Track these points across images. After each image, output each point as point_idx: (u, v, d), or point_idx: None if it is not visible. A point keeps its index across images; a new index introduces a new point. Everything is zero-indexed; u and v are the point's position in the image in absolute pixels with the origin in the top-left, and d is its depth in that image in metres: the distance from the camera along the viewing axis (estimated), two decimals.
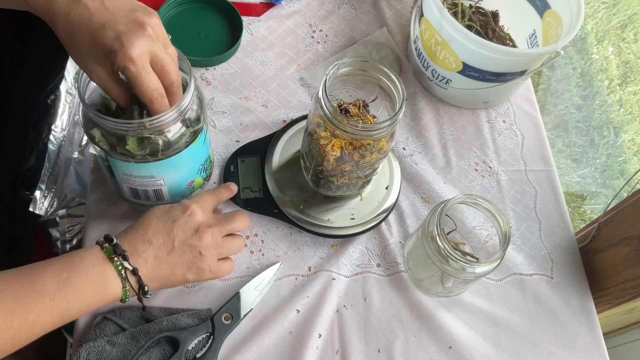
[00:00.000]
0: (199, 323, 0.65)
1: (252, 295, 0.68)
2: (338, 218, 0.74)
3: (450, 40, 0.79)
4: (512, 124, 0.90)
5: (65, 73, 0.92)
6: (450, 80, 0.84)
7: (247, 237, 0.74)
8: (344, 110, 0.68)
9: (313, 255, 0.74)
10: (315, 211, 0.74)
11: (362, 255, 0.75)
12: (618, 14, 1.94)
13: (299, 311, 0.69)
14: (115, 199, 0.73)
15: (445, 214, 0.67)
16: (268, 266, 0.71)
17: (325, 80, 0.62)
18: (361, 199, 0.76)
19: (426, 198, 0.80)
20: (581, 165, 1.68)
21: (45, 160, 0.91)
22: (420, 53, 0.87)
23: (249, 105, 0.84)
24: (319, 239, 0.75)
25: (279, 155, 0.77)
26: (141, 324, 0.64)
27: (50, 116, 0.94)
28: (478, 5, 0.91)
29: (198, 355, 0.64)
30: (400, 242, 0.76)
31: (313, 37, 0.92)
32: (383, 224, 0.77)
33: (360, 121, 0.66)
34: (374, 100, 0.69)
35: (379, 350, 0.69)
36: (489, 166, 0.85)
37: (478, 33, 0.87)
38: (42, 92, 0.95)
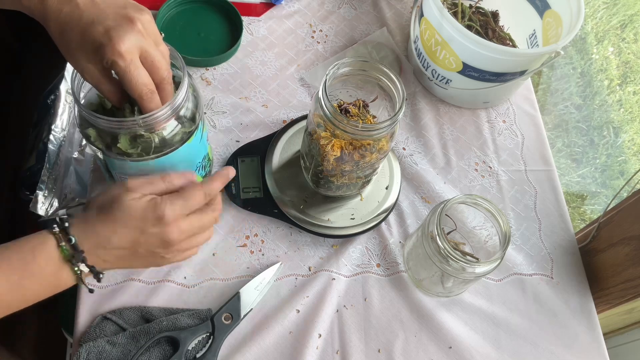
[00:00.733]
0: (199, 323, 0.65)
1: (252, 295, 0.68)
2: (338, 218, 0.74)
3: (450, 40, 0.79)
4: (512, 124, 0.90)
5: (65, 73, 0.92)
6: (450, 80, 0.84)
7: (247, 237, 0.74)
8: (344, 110, 0.68)
9: (313, 255, 0.74)
10: (315, 211, 0.74)
11: (362, 255, 0.75)
12: (618, 13, 1.94)
13: (299, 311, 0.69)
14: None
15: (445, 214, 0.67)
16: (268, 266, 0.71)
17: (325, 80, 0.62)
18: (361, 199, 0.76)
19: (426, 198, 0.80)
20: (581, 165, 1.68)
21: (45, 160, 0.91)
22: (420, 53, 0.87)
23: (249, 105, 0.84)
24: (319, 239, 0.75)
25: (279, 155, 0.77)
26: (141, 324, 0.64)
27: (50, 116, 0.94)
28: (478, 5, 0.91)
29: (198, 355, 0.64)
30: (400, 242, 0.76)
31: (313, 37, 0.92)
32: (383, 224, 0.77)
33: (360, 121, 0.66)
34: (374, 100, 0.69)
35: (379, 350, 0.69)
36: (489, 166, 0.85)
37: (478, 33, 0.87)
38: (42, 92, 0.95)
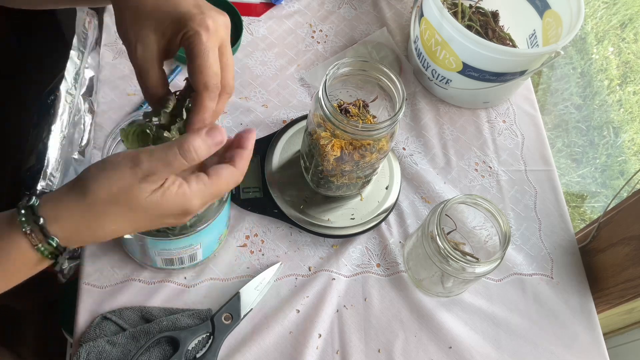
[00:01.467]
0: (199, 323, 0.65)
1: (252, 295, 0.68)
2: (338, 218, 0.74)
3: (450, 40, 0.79)
4: (512, 124, 0.90)
5: (65, 73, 0.92)
6: (450, 80, 0.84)
7: (247, 237, 0.74)
8: (344, 110, 0.68)
9: (313, 255, 0.74)
10: (315, 211, 0.74)
11: (362, 255, 0.75)
12: (618, 13, 1.94)
13: (299, 311, 0.69)
14: None
15: (445, 214, 0.67)
16: (268, 266, 0.71)
17: (325, 80, 0.62)
18: (361, 199, 0.76)
19: (426, 198, 0.80)
20: (581, 165, 1.68)
21: (45, 160, 0.91)
22: (420, 53, 0.87)
23: (249, 105, 0.84)
24: (319, 239, 0.75)
25: (279, 155, 0.77)
26: (141, 324, 0.64)
27: (50, 116, 0.93)
28: (478, 5, 0.91)
29: (198, 355, 0.64)
30: (400, 242, 0.76)
31: (313, 37, 0.92)
32: (383, 224, 0.77)
33: (360, 121, 0.66)
34: (374, 100, 0.69)
35: (379, 350, 0.69)
36: (489, 166, 0.85)
37: (478, 33, 0.87)
38: (42, 92, 0.95)
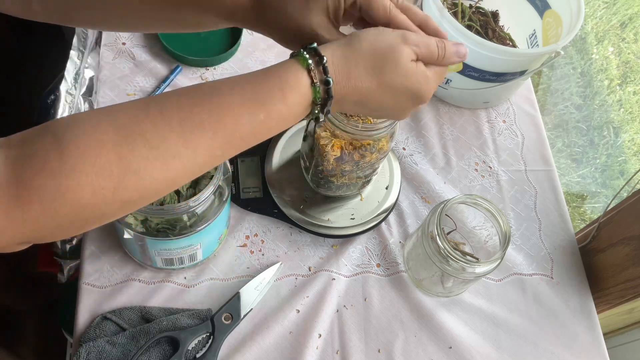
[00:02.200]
0: (199, 323, 0.65)
1: (252, 295, 0.68)
2: (338, 218, 0.74)
3: (450, 40, 0.79)
4: (512, 124, 0.90)
5: (65, 73, 0.92)
6: (450, 80, 0.84)
7: (247, 237, 0.74)
8: None
9: (313, 255, 0.74)
10: (315, 211, 0.74)
11: (362, 255, 0.75)
12: (618, 13, 1.94)
13: (299, 311, 0.69)
14: None
15: (445, 214, 0.67)
16: (268, 266, 0.71)
17: None
18: (361, 199, 0.76)
19: (426, 198, 0.80)
20: (581, 165, 1.68)
21: None
22: None
23: None
24: (319, 239, 0.75)
25: (279, 155, 0.77)
26: (141, 324, 0.64)
27: (50, 116, 0.93)
28: (478, 5, 0.91)
29: (198, 355, 0.64)
30: (400, 242, 0.76)
31: None
32: (383, 224, 0.77)
33: (361, 121, 0.66)
34: None
35: (379, 350, 0.69)
36: (489, 166, 0.85)
37: (478, 33, 0.87)
38: (42, 92, 0.95)
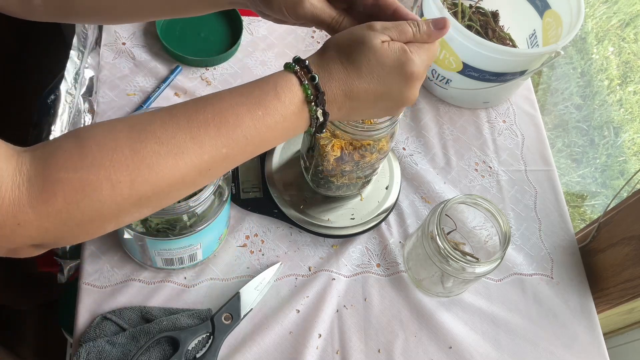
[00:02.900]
0: (199, 323, 0.65)
1: (252, 295, 0.68)
2: (338, 218, 0.74)
3: (450, 40, 0.79)
4: (512, 124, 0.90)
5: (65, 73, 0.92)
6: (450, 80, 0.84)
7: (247, 237, 0.74)
8: None
9: (313, 255, 0.74)
10: (315, 211, 0.74)
11: (362, 255, 0.75)
12: (618, 13, 1.94)
13: (299, 311, 0.69)
14: None
15: (445, 214, 0.67)
16: (268, 266, 0.71)
17: None
18: (361, 199, 0.76)
19: (426, 198, 0.80)
20: (581, 165, 1.68)
21: None
22: None
23: None
24: (319, 239, 0.75)
25: (279, 155, 0.77)
26: (141, 324, 0.65)
27: (50, 116, 0.93)
28: (478, 5, 0.91)
29: (198, 355, 0.64)
30: (400, 242, 0.76)
31: (313, 37, 0.92)
32: (383, 224, 0.77)
33: (360, 121, 0.66)
34: None
35: (379, 350, 0.69)
36: (489, 166, 0.85)
37: (478, 33, 0.87)
38: (42, 92, 0.95)
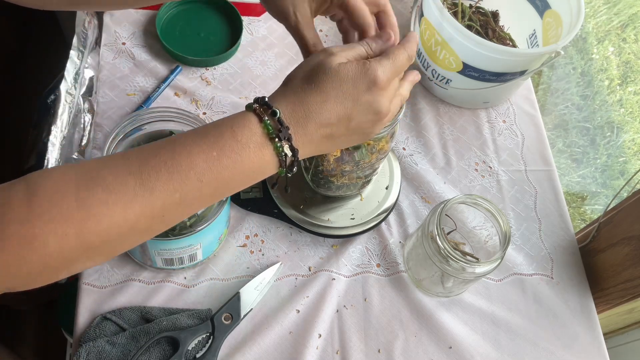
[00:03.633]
0: (199, 323, 0.65)
1: (252, 295, 0.68)
2: (338, 218, 0.74)
3: (450, 40, 0.79)
4: (512, 124, 0.90)
5: (65, 73, 0.92)
6: (450, 80, 0.84)
7: (247, 237, 0.74)
8: None
9: (313, 255, 0.74)
10: (315, 211, 0.74)
11: (362, 255, 0.75)
12: (619, 13, 1.94)
13: (299, 311, 0.69)
14: None
15: (445, 214, 0.67)
16: (268, 266, 0.71)
17: None
18: (361, 199, 0.76)
19: (426, 198, 0.80)
20: (581, 165, 1.67)
21: (45, 160, 0.91)
22: (420, 53, 0.87)
23: None
24: (319, 239, 0.75)
25: None
26: (141, 324, 0.65)
27: (50, 116, 0.93)
28: (478, 5, 0.91)
29: (198, 355, 0.64)
30: (400, 242, 0.76)
31: None
32: (383, 224, 0.77)
33: None
34: None
35: (379, 350, 0.69)
36: (489, 166, 0.85)
37: (478, 33, 0.87)
38: (42, 92, 0.95)
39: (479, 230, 0.73)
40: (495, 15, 0.91)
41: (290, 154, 0.45)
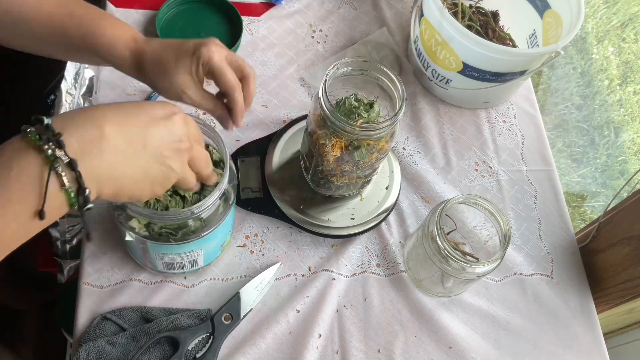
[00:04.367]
0: (199, 323, 0.65)
1: (252, 295, 0.68)
2: (338, 218, 0.74)
3: (450, 40, 0.79)
4: (512, 124, 0.90)
5: (65, 73, 0.92)
6: (450, 80, 0.84)
7: (247, 237, 0.74)
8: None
9: (313, 255, 0.74)
10: (315, 211, 0.74)
11: (362, 255, 0.75)
12: (618, 13, 1.94)
13: (299, 311, 0.69)
14: None
15: (445, 214, 0.67)
16: (268, 266, 0.71)
17: (325, 80, 0.62)
18: (361, 199, 0.76)
19: (426, 198, 0.80)
20: (581, 165, 1.67)
21: None
22: (420, 53, 0.87)
23: None
24: (319, 239, 0.75)
25: (279, 155, 0.77)
26: (141, 324, 0.65)
27: (50, 116, 0.93)
28: (478, 5, 0.91)
29: (198, 355, 0.64)
30: (400, 242, 0.76)
31: (313, 37, 0.92)
32: (383, 224, 0.77)
33: (360, 121, 0.66)
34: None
35: (379, 350, 0.69)
36: (489, 166, 0.85)
37: (478, 33, 0.87)
38: (42, 92, 0.95)
39: (479, 230, 0.73)
40: (495, 15, 0.91)
41: (66, 159, 0.38)
